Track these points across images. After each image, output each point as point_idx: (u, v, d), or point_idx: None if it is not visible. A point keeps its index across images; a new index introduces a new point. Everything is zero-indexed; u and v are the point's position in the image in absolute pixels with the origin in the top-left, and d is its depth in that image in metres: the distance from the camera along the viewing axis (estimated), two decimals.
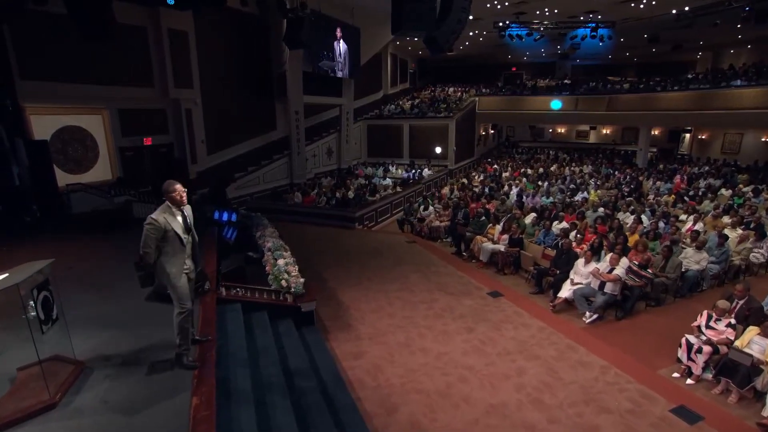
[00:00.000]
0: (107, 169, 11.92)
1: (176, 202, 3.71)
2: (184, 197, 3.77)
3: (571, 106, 23.39)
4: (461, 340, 6.03)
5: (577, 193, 14.51)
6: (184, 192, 3.78)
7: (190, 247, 3.86)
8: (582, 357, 5.54)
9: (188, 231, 3.84)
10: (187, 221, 3.82)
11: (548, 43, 23.84)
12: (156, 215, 3.61)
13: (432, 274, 8.91)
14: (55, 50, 10.15)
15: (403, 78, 30.66)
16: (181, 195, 3.73)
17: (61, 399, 3.34)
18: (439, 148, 22.88)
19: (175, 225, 3.67)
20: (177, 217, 3.72)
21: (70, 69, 10.54)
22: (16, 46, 9.68)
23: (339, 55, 18.09)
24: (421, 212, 13.05)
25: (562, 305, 7.19)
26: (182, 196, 3.74)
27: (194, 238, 3.95)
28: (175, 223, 3.68)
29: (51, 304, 3.48)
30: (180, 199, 3.72)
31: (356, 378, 5.08)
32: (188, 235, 3.83)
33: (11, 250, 7.01)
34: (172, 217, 3.68)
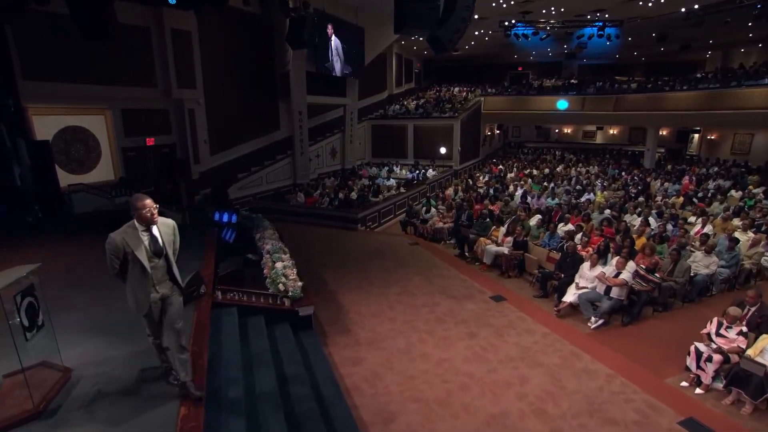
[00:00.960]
0: (110, 169, 11.89)
1: (145, 220, 3.20)
2: (155, 214, 3.25)
3: (578, 106, 23.15)
4: (463, 346, 5.88)
5: (583, 194, 14.31)
6: (155, 208, 3.26)
7: (162, 273, 3.32)
8: (587, 365, 5.38)
9: (159, 254, 3.28)
10: (157, 243, 3.27)
11: (555, 42, 23.59)
12: (115, 233, 3.16)
13: (434, 276, 8.77)
14: (57, 50, 10.12)
15: (408, 78, 30.50)
16: (151, 212, 3.21)
17: (46, 408, 3.22)
18: (443, 148, 22.72)
19: (137, 247, 3.16)
20: (143, 238, 3.20)
21: (73, 69, 10.50)
22: (19, 46, 9.66)
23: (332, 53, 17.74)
24: (424, 213, 12.92)
25: (566, 310, 7.02)
26: (153, 213, 3.22)
27: (169, 261, 3.37)
28: (138, 245, 3.16)
29: (36, 311, 3.38)
30: (150, 216, 3.21)
31: (353, 385, 4.95)
32: (159, 259, 3.28)
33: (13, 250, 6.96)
34: (135, 238, 3.17)
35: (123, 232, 3.16)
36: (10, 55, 9.52)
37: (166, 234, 3.34)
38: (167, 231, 3.37)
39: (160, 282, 3.31)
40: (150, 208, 3.21)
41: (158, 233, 3.29)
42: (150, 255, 3.22)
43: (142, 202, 3.19)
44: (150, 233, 3.24)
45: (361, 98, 22.74)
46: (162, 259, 3.31)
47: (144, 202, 3.19)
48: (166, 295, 3.35)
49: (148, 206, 3.20)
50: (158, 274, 3.29)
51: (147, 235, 3.23)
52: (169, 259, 3.36)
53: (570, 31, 20.62)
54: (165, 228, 3.35)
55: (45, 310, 3.52)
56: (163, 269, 3.33)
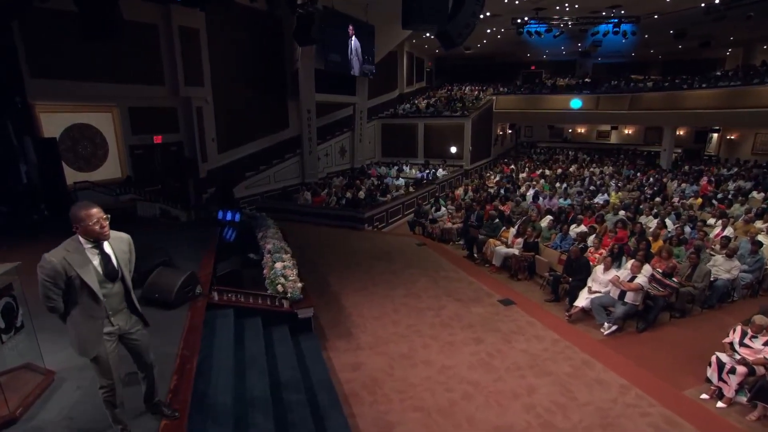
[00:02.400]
0: (117, 167, 11.85)
1: (93, 235, 2.56)
2: (105, 227, 2.60)
3: (592, 105, 22.67)
4: (468, 353, 5.63)
5: (596, 195, 13.92)
6: (105, 219, 2.59)
7: (118, 301, 2.71)
8: (599, 374, 5.09)
9: (113, 278, 2.66)
10: (110, 262, 2.64)
11: (568, 40, 23.15)
12: (51, 253, 2.50)
13: (441, 278, 8.52)
14: (65, 48, 10.06)
15: (419, 77, 30.24)
16: (101, 223, 2.56)
17: (24, 413, 3.07)
18: (454, 147, 22.41)
19: (84, 270, 2.52)
20: (92, 258, 2.59)
21: (80, 67, 10.46)
22: (26, 43, 9.64)
23: (351, 53, 17.77)
24: (433, 213, 12.67)
25: (578, 315, 6.73)
26: (103, 225, 2.57)
27: (126, 285, 2.75)
28: (85, 266, 2.54)
29: (15, 312, 3.22)
30: (99, 230, 2.56)
31: (352, 392, 4.74)
32: (114, 283, 2.67)
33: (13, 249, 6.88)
34: (81, 258, 2.54)
35: (63, 251, 2.53)
36: (17, 53, 9.49)
37: (120, 251, 2.72)
38: (122, 248, 2.75)
39: (115, 312, 2.70)
40: (99, 218, 2.55)
41: (111, 251, 2.67)
42: (101, 279, 2.61)
43: (87, 211, 2.52)
44: (101, 251, 2.63)
45: (372, 97, 22.55)
46: (117, 284, 2.70)
47: (90, 212, 2.53)
48: (125, 331, 2.76)
49: (95, 216, 2.53)
50: (113, 303, 2.68)
51: (96, 253, 2.62)
52: (127, 283, 2.75)
53: (584, 29, 20.19)
54: (119, 244, 2.74)
55: (26, 311, 3.36)
56: (120, 296, 2.72)
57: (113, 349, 2.72)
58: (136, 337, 2.85)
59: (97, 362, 2.66)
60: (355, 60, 18.02)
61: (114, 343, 2.73)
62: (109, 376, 2.69)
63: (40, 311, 3.65)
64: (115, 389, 2.72)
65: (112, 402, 2.73)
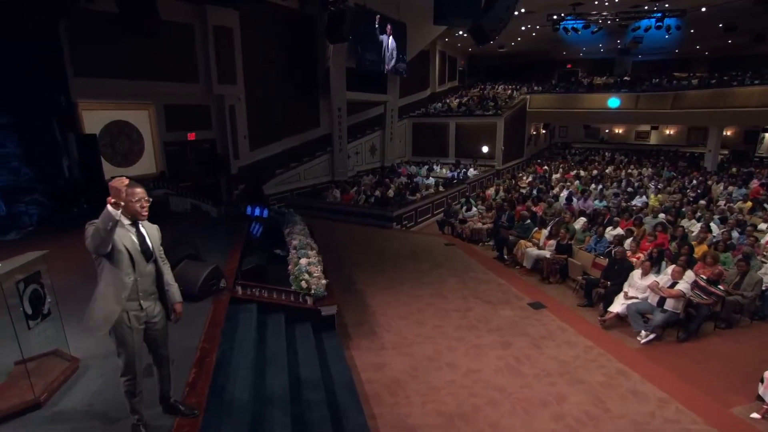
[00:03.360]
0: (152, 162, 12.18)
1: (133, 213, 2.64)
2: (145, 209, 2.69)
3: (631, 105, 21.77)
4: (495, 357, 5.42)
5: (634, 197, 13.35)
6: (147, 201, 2.69)
7: (149, 283, 2.76)
8: (635, 385, 4.78)
9: (148, 257, 2.73)
10: (145, 242, 2.72)
11: (607, 36, 22.30)
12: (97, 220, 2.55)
13: (470, 279, 8.31)
14: (106, 48, 10.40)
15: (451, 76, 29.89)
16: (142, 204, 2.66)
17: (47, 399, 3.12)
18: (486, 147, 22.01)
19: (125, 238, 2.61)
20: (129, 233, 2.66)
21: (121, 66, 10.80)
22: (71, 44, 10.01)
23: (387, 51, 17.73)
24: (463, 213, 12.44)
25: (613, 321, 6.40)
26: (143, 206, 2.67)
27: (160, 270, 2.83)
28: (126, 237, 2.62)
29: (42, 299, 3.28)
30: (140, 209, 2.65)
31: (373, 393, 4.63)
32: (148, 263, 2.74)
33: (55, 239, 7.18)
34: (122, 230, 2.61)
35: None
36: (62, 53, 9.88)
37: (153, 236, 2.81)
38: (154, 234, 2.84)
39: (146, 296, 2.74)
40: (142, 198, 2.65)
41: (145, 232, 2.76)
42: (138, 256, 2.69)
43: (132, 189, 2.58)
44: (137, 230, 2.72)
45: (403, 96, 22.44)
46: (150, 265, 2.77)
47: (135, 190, 2.61)
48: (150, 317, 2.79)
49: (138, 195, 2.63)
50: (145, 284, 2.73)
51: (134, 231, 2.69)
52: (159, 266, 2.83)
53: (625, 24, 19.35)
54: (151, 229, 2.83)
55: (53, 298, 3.42)
56: (151, 278, 2.79)
57: (140, 337, 2.76)
58: (158, 327, 2.85)
59: (124, 348, 2.69)
60: (389, 58, 17.96)
61: (141, 331, 2.76)
62: (132, 364, 2.72)
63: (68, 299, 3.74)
64: (137, 378, 2.75)
65: (132, 391, 2.75)
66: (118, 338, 2.68)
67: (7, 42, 8.26)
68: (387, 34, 17.65)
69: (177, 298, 2.98)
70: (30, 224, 8.44)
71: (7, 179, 8.38)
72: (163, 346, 2.92)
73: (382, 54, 17.53)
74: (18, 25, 8.50)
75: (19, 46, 8.48)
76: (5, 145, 8.46)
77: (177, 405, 2.97)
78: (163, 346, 2.93)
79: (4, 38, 8.19)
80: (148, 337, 2.84)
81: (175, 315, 3.00)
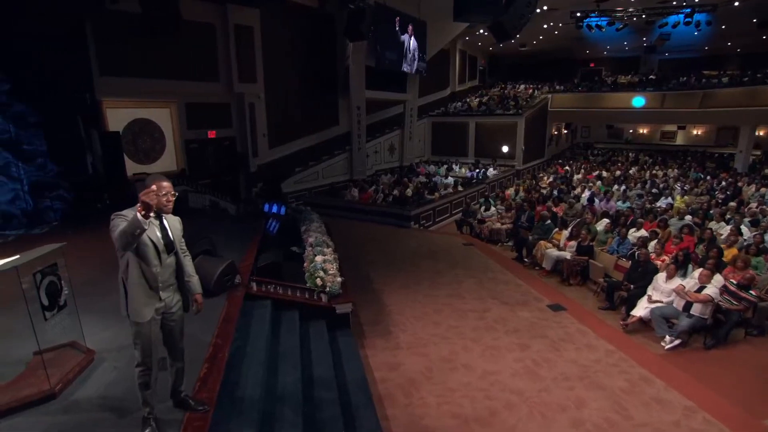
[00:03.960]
0: (173, 160, 12.37)
1: (159, 205, 2.68)
2: (171, 202, 2.76)
3: (657, 104, 21.16)
4: (512, 359, 5.29)
5: (659, 198, 12.95)
6: (173, 195, 2.77)
7: (168, 274, 2.82)
8: (659, 393, 4.59)
9: (169, 249, 2.80)
10: (168, 235, 2.79)
11: (632, 34, 21.73)
12: (125, 210, 2.65)
13: (488, 280, 8.17)
14: (130, 47, 10.62)
15: (472, 75, 29.62)
16: (168, 198, 2.73)
17: (63, 390, 3.15)
18: (506, 147, 21.72)
19: (150, 232, 2.67)
20: (153, 226, 2.72)
21: (144, 65, 11.01)
22: (97, 43, 10.22)
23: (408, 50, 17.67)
24: (482, 213, 12.27)
25: (636, 325, 6.19)
26: (169, 200, 2.74)
27: (180, 262, 2.89)
28: (151, 230, 2.68)
29: (58, 291, 3.31)
30: (166, 202, 2.72)
31: (387, 393, 4.55)
32: (169, 255, 2.80)
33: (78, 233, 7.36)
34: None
35: (132, 211, 2.61)
36: (88, 52, 10.10)
37: (175, 228, 2.87)
38: (176, 226, 2.90)
39: (165, 286, 2.80)
40: (168, 191, 2.72)
41: (168, 225, 2.83)
42: (162, 247, 2.76)
43: (159, 183, 2.68)
44: (160, 222, 2.78)
45: (423, 95, 22.34)
46: (172, 257, 2.84)
47: (162, 183, 2.69)
48: (168, 308, 2.83)
49: (165, 188, 2.70)
50: (165, 274, 2.79)
51: (157, 224, 2.76)
52: (179, 259, 2.89)
53: (651, 20, 18.79)
54: (174, 222, 2.89)
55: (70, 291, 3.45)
56: (171, 270, 2.84)
57: (156, 328, 2.79)
58: (175, 318, 2.88)
59: (140, 337, 2.72)
60: (409, 57, 17.88)
61: (158, 322, 2.79)
62: (148, 355, 2.75)
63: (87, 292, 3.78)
64: (151, 369, 2.77)
65: (145, 383, 2.77)
66: (135, 327, 2.72)
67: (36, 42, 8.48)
68: (408, 34, 17.57)
69: (197, 289, 3.04)
70: (54, 219, 8.65)
71: (34, 175, 8.60)
72: (179, 338, 2.95)
73: (403, 53, 17.44)
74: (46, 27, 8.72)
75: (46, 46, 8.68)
76: (33, 142, 8.68)
77: (187, 400, 2.96)
78: (179, 339, 2.95)
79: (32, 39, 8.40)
80: (165, 328, 2.87)
81: (196, 305, 3.04)
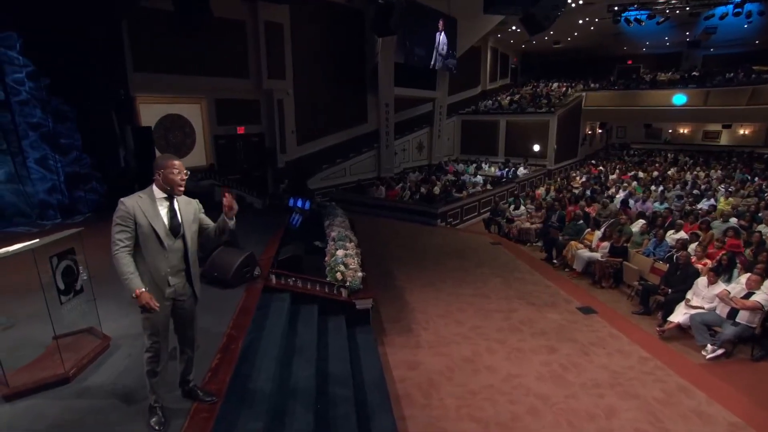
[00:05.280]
0: (202, 155, 12.57)
1: (170, 184, 2.60)
2: (183, 182, 2.65)
3: (700, 101, 20.15)
4: (538, 362, 5.04)
5: (701, 199, 12.27)
6: (186, 173, 2.67)
7: (177, 259, 2.67)
8: (700, 405, 4.24)
9: (176, 232, 2.65)
10: (175, 218, 2.65)
11: (674, 28, 20.71)
12: (126, 198, 2.55)
13: (514, 280, 7.90)
14: (163, 44, 10.84)
15: (503, 74, 29.08)
16: (181, 177, 2.62)
17: (77, 374, 3.15)
18: (537, 146, 21.15)
19: (153, 218, 2.56)
20: (161, 208, 2.61)
21: (176, 62, 11.23)
22: (132, 41, 10.48)
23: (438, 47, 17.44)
24: (511, 212, 11.93)
25: (673, 332, 5.82)
26: (182, 178, 2.63)
27: (187, 246, 2.72)
28: (154, 214, 2.57)
29: (75, 275, 3.31)
30: (178, 182, 2.61)
31: (405, 392, 4.40)
32: (176, 239, 2.66)
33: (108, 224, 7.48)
34: (152, 206, 2.58)
35: (137, 197, 2.60)
36: (123, 50, 10.36)
37: (186, 212, 2.72)
38: (188, 209, 2.74)
39: (174, 272, 2.67)
40: (180, 170, 2.61)
41: (178, 208, 2.68)
42: (166, 231, 2.62)
43: (170, 161, 2.59)
44: (170, 204, 2.65)
45: (452, 93, 22.08)
46: (179, 241, 2.68)
47: (173, 162, 2.60)
48: (179, 294, 2.71)
49: (177, 167, 2.59)
50: (173, 260, 2.66)
51: (166, 205, 2.64)
52: (187, 243, 2.72)
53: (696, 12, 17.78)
54: (186, 205, 2.74)
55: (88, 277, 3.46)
56: (179, 255, 2.69)
57: (166, 314, 2.69)
58: (186, 305, 2.78)
59: (149, 322, 2.62)
60: (440, 54, 17.65)
61: (167, 307, 2.69)
62: (156, 341, 2.66)
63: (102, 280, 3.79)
64: (160, 355, 2.69)
65: (153, 370, 2.68)
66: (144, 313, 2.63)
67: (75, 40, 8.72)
68: (438, 30, 17.34)
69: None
70: (88, 210, 8.90)
71: (69, 168, 8.87)
72: (189, 326, 2.86)
73: (432, 49, 17.22)
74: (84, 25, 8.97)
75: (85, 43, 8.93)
76: (69, 135, 8.96)
77: (196, 390, 2.89)
78: (189, 327, 2.86)
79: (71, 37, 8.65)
80: (175, 314, 2.78)
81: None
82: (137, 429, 2.64)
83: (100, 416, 2.76)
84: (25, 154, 8.26)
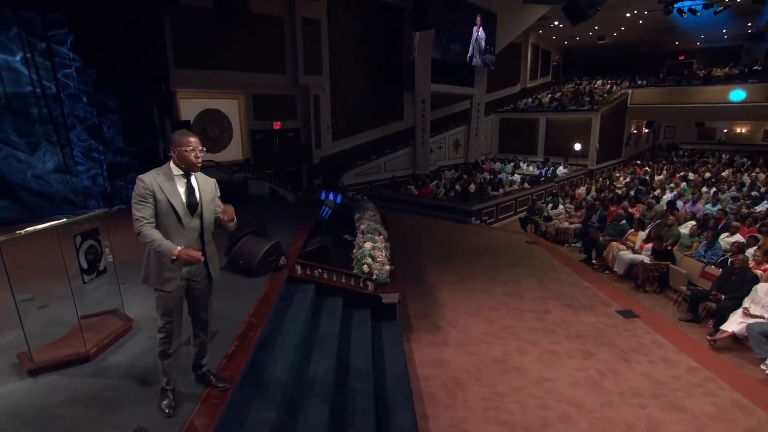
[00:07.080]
0: (239, 149, 12.78)
1: (186, 162, 2.54)
2: (199, 159, 2.58)
3: (761, 97, 18.74)
4: (573, 367, 4.73)
5: (760, 202, 11.39)
6: (201, 151, 2.58)
7: (194, 237, 2.62)
8: (760, 424, 3.81)
9: (193, 210, 2.59)
10: (194, 195, 2.59)
11: (733, 19, 19.29)
12: (144, 175, 2.51)
13: (549, 280, 7.54)
14: (202, 40, 11.06)
15: (544, 71, 28.17)
16: (196, 153, 2.54)
17: (96, 354, 3.18)
18: (578, 145, 20.36)
19: (172, 195, 2.51)
20: (179, 185, 2.56)
21: (215, 58, 11.42)
22: (173, 37, 10.76)
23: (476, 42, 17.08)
24: (548, 210, 11.47)
25: (726, 342, 5.33)
26: (197, 156, 2.55)
27: (204, 225, 2.66)
28: (172, 190, 2.52)
29: (98, 255, 3.33)
30: (194, 159, 2.54)
31: (429, 391, 4.21)
32: (193, 217, 2.60)
33: None
34: (170, 182, 2.52)
35: (154, 173, 2.54)
36: (165, 46, 10.66)
37: (204, 190, 2.66)
38: (207, 187, 2.68)
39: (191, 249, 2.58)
40: (195, 147, 2.53)
41: (196, 185, 2.63)
42: (184, 208, 2.56)
43: (186, 138, 2.52)
44: (187, 182, 2.60)
45: (491, 91, 21.60)
46: (196, 219, 2.62)
47: (188, 138, 2.53)
48: (193, 275, 2.65)
49: (192, 144, 2.52)
50: (190, 237, 2.60)
51: (184, 182, 2.58)
52: (204, 222, 2.66)
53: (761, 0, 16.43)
54: (205, 183, 2.69)
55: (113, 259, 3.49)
56: (196, 232, 2.64)
57: (180, 295, 2.65)
58: (200, 286, 2.72)
59: (161, 299, 2.60)
60: (477, 50, 17.27)
61: (182, 288, 2.65)
62: (169, 321, 2.63)
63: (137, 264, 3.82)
64: (172, 337, 2.66)
65: (165, 351, 2.66)
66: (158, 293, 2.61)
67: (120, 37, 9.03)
68: (476, 25, 16.97)
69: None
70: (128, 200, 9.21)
71: (111, 158, 9.21)
72: (203, 309, 2.80)
73: (469, 44, 16.86)
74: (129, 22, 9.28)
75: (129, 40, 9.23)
76: (112, 128, 9.30)
77: (208, 375, 2.83)
78: (203, 309, 2.80)
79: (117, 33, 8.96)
80: (189, 295, 2.73)
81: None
82: (148, 410, 2.61)
83: (114, 395, 2.76)
84: (72, 145, 8.63)
